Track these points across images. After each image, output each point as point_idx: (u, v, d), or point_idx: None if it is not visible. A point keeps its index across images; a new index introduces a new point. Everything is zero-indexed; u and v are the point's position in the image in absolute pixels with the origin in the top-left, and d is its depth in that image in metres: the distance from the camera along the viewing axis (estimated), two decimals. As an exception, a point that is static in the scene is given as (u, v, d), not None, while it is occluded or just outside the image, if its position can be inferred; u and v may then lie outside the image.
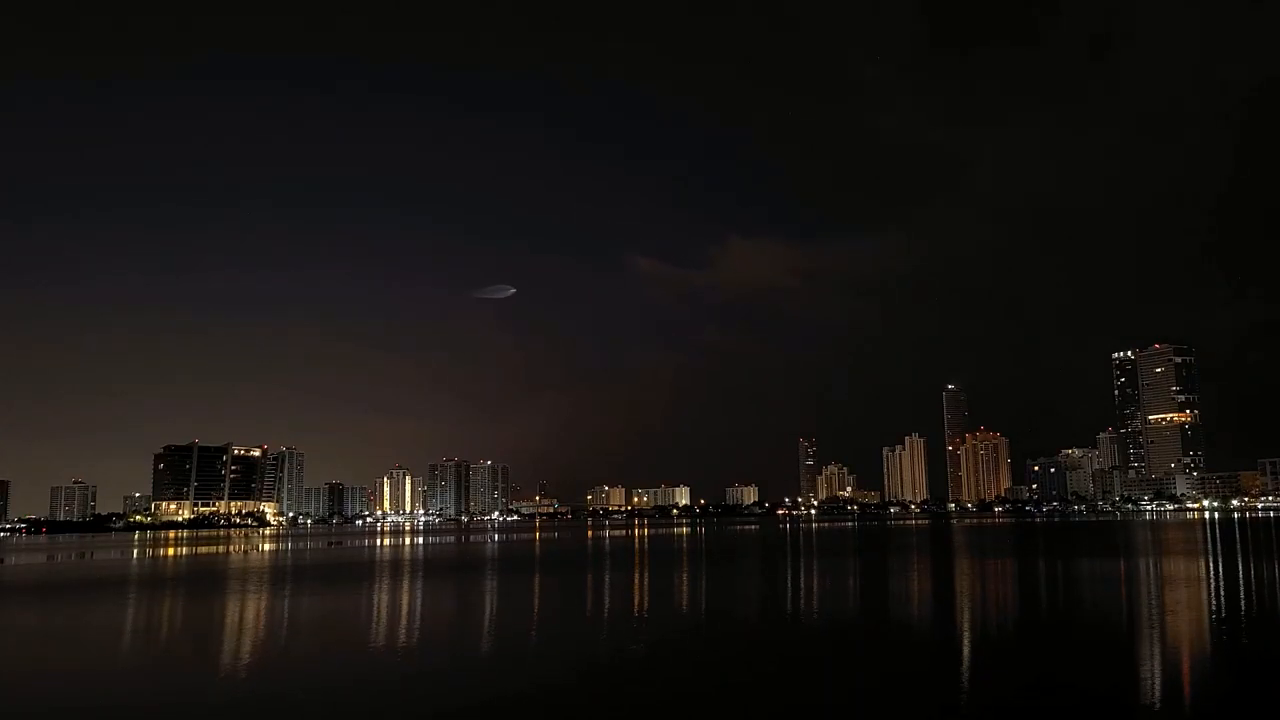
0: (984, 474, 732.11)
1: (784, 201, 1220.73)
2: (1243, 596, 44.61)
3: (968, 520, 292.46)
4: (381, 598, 51.82)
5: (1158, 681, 24.44)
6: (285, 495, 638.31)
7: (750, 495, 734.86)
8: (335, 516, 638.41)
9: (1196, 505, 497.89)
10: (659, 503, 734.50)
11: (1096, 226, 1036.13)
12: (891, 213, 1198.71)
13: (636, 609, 43.91)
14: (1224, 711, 21.23)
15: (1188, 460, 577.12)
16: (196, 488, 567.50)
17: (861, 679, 25.40)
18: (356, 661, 29.67)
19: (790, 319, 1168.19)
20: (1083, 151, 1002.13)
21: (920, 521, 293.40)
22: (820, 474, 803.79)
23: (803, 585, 56.48)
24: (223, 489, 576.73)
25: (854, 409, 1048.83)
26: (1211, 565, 64.98)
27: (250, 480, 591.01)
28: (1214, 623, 35.83)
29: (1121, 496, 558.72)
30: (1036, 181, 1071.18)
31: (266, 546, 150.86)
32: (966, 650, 30.46)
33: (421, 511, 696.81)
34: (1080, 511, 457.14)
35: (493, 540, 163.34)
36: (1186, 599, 43.68)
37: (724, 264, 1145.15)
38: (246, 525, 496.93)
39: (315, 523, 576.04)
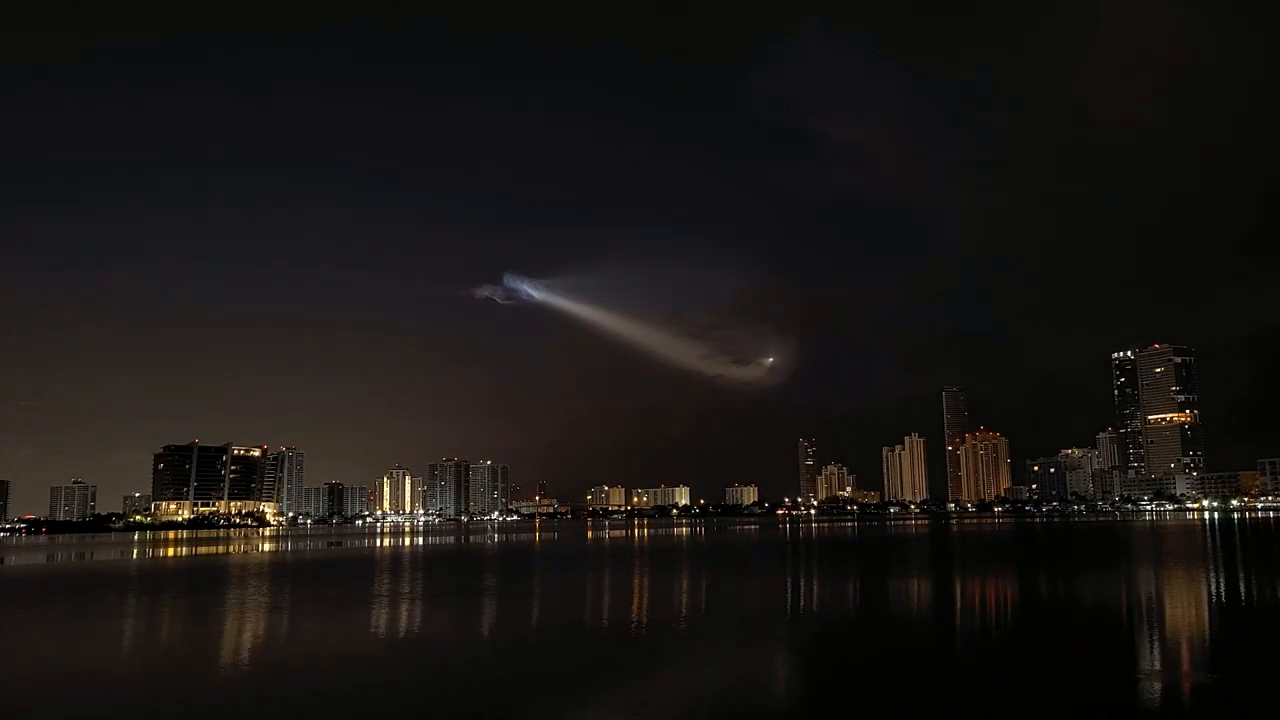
0: (984, 474, 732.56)
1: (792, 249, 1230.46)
2: (1243, 600, 44.63)
3: (968, 520, 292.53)
4: (382, 598, 51.79)
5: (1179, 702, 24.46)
6: (285, 495, 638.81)
7: (750, 495, 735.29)
8: (335, 516, 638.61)
9: (1196, 505, 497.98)
10: (659, 503, 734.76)
11: (1097, 227, 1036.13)
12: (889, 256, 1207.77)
13: (636, 611, 43.91)
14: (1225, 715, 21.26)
15: (1187, 460, 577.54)
16: (196, 488, 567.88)
17: (859, 686, 25.43)
18: (357, 664, 29.66)
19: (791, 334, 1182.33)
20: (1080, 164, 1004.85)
21: (920, 521, 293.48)
22: (820, 474, 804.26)
23: (803, 588, 56.45)
24: (223, 489, 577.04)
25: (854, 409, 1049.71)
26: (1213, 569, 65.02)
27: (250, 480, 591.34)
28: (1214, 629, 35.86)
29: (1121, 496, 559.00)
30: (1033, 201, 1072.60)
31: (266, 547, 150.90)
32: (967, 663, 30.49)
33: (421, 511, 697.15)
34: (1080, 512, 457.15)
35: (492, 540, 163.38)
36: (1187, 603, 43.72)
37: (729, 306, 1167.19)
38: (246, 525, 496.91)
39: (315, 523, 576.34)
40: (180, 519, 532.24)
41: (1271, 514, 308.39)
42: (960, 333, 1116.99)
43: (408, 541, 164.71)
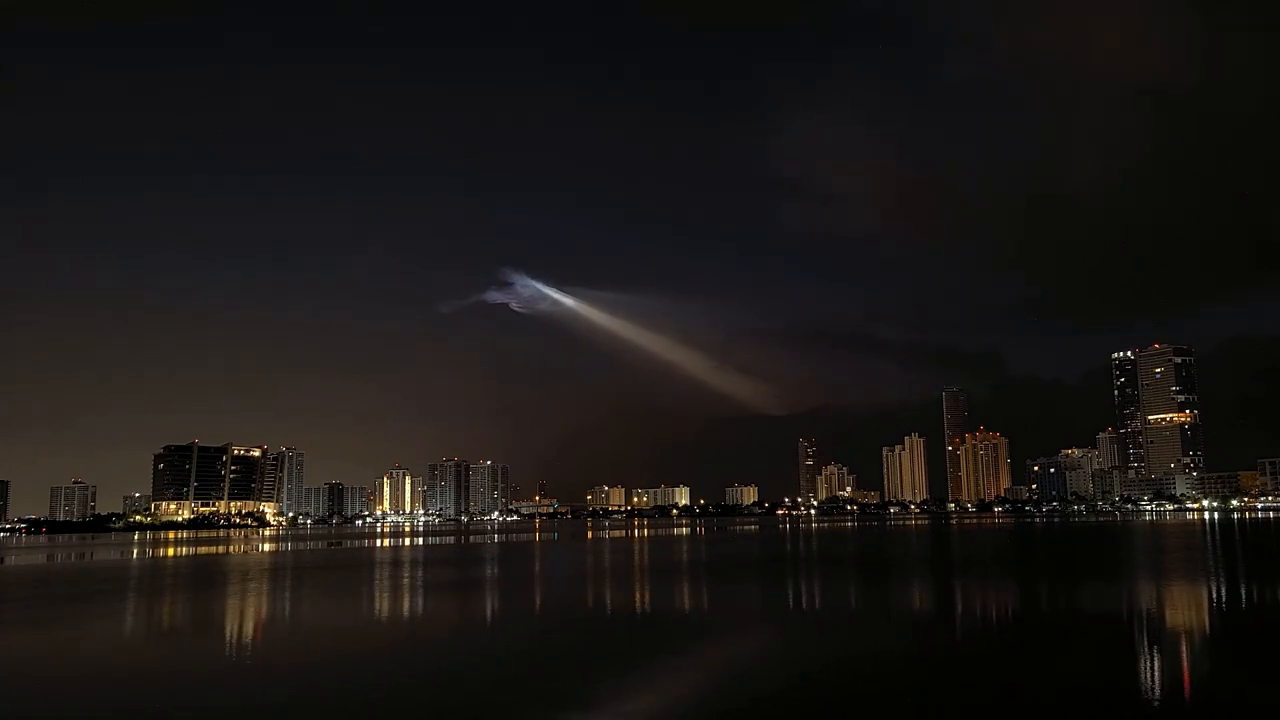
0: (984, 474, 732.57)
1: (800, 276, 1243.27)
2: (1245, 602, 44.64)
3: (968, 520, 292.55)
4: (382, 600, 51.83)
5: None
6: (285, 495, 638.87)
7: (750, 495, 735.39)
8: (335, 517, 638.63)
9: (1196, 505, 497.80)
10: (659, 503, 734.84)
11: (1098, 228, 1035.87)
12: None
13: (636, 609, 43.88)
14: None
15: (1187, 460, 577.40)
16: (196, 488, 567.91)
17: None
18: (356, 666, 29.67)
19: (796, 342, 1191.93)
20: (1080, 162, 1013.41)
21: (920, 521, 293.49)
22: (820, 474, 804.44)
23: (801, 586, 56.41)
24: (222, 489, 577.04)
25: (854, 409, 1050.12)
26: (1214, 570, 65.00)
27: (250, 480, 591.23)
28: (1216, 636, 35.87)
29: (1121, 497, 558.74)
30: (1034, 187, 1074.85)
31: (266, 547, 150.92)
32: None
33: (421, 511, 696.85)
34: (1080, 512, 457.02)
35: (492, 540, 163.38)
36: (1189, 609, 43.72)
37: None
38: (246, 526, 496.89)
39: (315, 523, 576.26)
40: (180, 519, 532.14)
41: (1271, 514, 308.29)
42: (961, 334, 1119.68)
43: (408, 542, 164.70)
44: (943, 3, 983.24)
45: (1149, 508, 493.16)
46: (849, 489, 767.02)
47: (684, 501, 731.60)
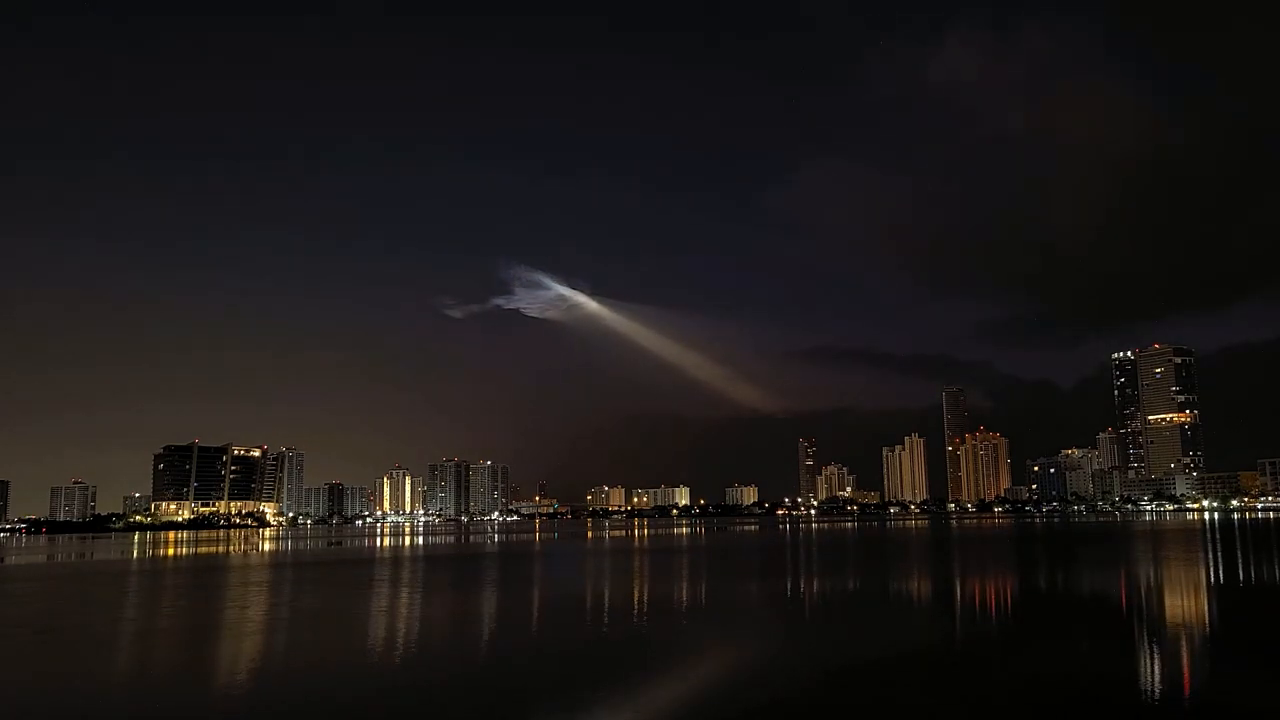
0: (984, 474, 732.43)
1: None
2: (1246, 604, 44.63)
3: (968, 521, 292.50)
4: (381, 600, 51.81)
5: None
6: (285, 495, 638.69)
7: (750, 495, 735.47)
8: (335, 517, 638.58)
9: (1196, 505, 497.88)
10: (659, 503, 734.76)
11: (1098, 229, 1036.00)
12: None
13: (636, 609, 43.86)
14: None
15: (1187, 460, 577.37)
16: (196, 488, 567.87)
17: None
18: (356, 670, 29.64)
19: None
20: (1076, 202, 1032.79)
21: (920, 522, 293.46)
22: (820, 474, 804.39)
23: (800, 586, 56.41)
24: (223, 489, 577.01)
25: (855, 411, 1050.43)
26: (1215, 571, 65.05)
27: (250, 480, 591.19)
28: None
29: (1121, 497, 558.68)
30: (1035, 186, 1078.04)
31: (266, 547, 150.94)
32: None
33: (421, 511, 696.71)
34: (1080, 512, 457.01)
35: (492, 541, 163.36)
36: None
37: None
38: (246, 526, 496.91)
39: (315, 523, 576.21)
40: (180, 519, 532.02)
41: (1271, 514, 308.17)
42: (962, 340, 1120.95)
43: (408, 542, 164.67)
44: (940, 90, 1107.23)
45: (1149, 508, 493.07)
46: (849, 489, 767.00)
47: (684, 502, 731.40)
